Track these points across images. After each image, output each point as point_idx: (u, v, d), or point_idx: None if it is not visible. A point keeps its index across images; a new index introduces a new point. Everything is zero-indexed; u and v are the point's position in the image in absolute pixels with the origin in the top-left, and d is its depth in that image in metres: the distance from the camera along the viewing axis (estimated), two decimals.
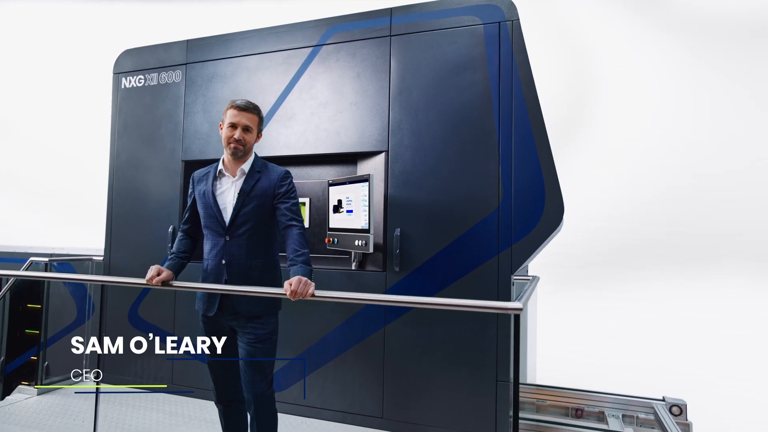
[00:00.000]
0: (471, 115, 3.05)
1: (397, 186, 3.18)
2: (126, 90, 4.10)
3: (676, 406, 3.56)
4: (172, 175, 3.85)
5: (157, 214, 3.88)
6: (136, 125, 4.02)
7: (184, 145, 3.82)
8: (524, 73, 2.97)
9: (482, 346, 2.98)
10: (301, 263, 2.04)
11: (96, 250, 5.06)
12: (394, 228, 3.14)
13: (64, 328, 4.39)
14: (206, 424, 3.18)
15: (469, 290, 3.01)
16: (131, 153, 4.03)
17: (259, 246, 2.21)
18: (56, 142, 7.65)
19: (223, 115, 2.25)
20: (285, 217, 2.17)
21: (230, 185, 2.24)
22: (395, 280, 3.15)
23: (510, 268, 2.94)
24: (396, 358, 3.14)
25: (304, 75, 3.47)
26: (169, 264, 2.24)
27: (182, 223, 2.39)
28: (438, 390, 3.05)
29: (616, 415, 3.60)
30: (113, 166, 4.10)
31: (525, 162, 2.94)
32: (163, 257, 3.82)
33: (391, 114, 3.23)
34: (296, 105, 3.48)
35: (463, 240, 3.03)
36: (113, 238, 4.05)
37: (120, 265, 4.00)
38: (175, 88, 3.90)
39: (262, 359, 2.16)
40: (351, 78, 3.34)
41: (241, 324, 2.18)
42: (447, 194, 3.08)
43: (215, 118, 3.72)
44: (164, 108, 3.92)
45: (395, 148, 3.20)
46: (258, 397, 2.15)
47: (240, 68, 3.68)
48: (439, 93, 3.12)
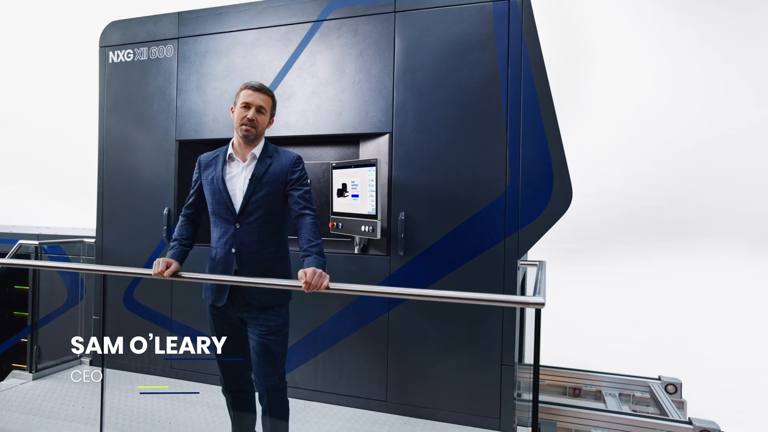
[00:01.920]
0: (478, 97, 2.98)
1: (402, 169, 3.12)
2: (114, 65, 3.92)
3: (672, 385, 3.65)
4: (166, 155, 3.72)
5: (151, 195, 3.77)
6: (126, 102, 3.86)
7: (177, 124, 3.68)
8: (534, 52, 2.89)
9: (487, 330, 2.98)
10: (316, 254, 1.98)
11: (87, 230, 4.93)
12: (399, 212, 3.09)
13: (54, 310, 4.29)
14: (209, 408, 3.16)
15: (474, 275, 2.99)
16: (122, 131, 3.88)
17: (270, 233, 2.15)
18: (42, 117, 7.34)
19: (236, 97, 2.15)
20: (298, 205, 2.10)
21: (240, 170, 2.15)
22: (399, 265, 3.12)
23: (516, 253, 2.92)
24: (400, 342, 3.14)
25: (304, 52, 3.34)
26: (172, 253, 2.17)
27: (185, 207, 2.31)
28: (442, 373, 3.06)
29: (613, 393, 3.68)
30: (102, 144, 3.95)
31: (533, 145, 2.89)
32: (158, 240, 3.73)
33: (396, 94, 3.13)
34: (296, 83, 3.36)
35: (470, 224, 2.99)
36: (105, 220, 3.93)
37: (113, 248, 3.89)
38: (167, 63, 3.73)
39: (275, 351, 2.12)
40: (353, 56, 3.23)
41: (253, 315, 2.13)
42: (453, 178, 3.02)
43: (210, 96, 3.59)
44: (156, 85, 3.76)
45: (399, 130, 3.12)
46: (271, 390, 2.12)
47: (236, 43, 3.52)
48: (445, 73, 3.03)
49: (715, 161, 4.89)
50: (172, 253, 2.16)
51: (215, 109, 3.58)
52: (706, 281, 4.78)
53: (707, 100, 4.84)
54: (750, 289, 4.62)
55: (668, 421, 2.94)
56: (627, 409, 3.50)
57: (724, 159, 4.88)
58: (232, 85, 3.52)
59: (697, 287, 4.79)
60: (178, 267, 2.11)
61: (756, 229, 4.66)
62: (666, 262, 4.98)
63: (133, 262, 3.81)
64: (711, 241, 4.89)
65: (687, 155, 4.98)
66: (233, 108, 2.16)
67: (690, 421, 2.91)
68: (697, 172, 4.92)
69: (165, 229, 3.68)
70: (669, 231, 5.04)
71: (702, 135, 4.90)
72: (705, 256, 4.83)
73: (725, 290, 4.70)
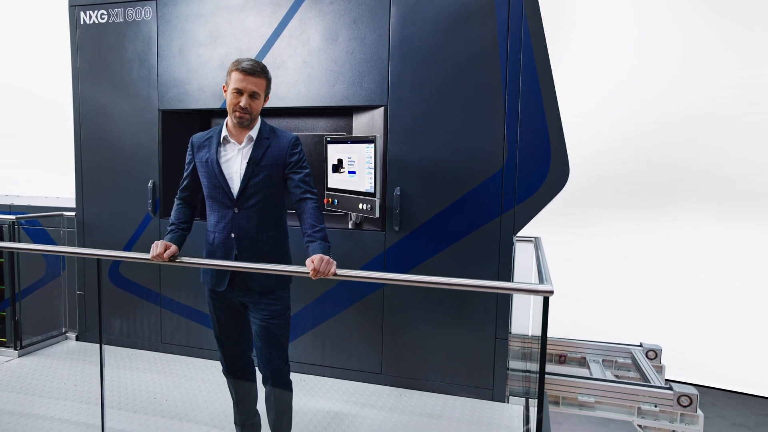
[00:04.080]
0: (476, 70, 2.90)
1: (397, 143, 3.05)
2: (86, 26, 3.67)
3: (652, 351, 3.81)
4: (148, 125, 3.56)
5: (134, 167, 3.62)
6: (103, 68, 3.64)
7: (160, 93, 3.51)
8: (534, 24, 2.81)
9: (481, 304, 3.03)
10: (320, 240, 1.95)
11: (63, 200, 4.74)
12: (394, 187, 3.05)
13: (32, 283, 4.17)
14: (204, 384, 3.17)
15: (469, 251, 3.00)
16: (99, 99, 3.68)
17: (270, 217, 2.09)
18: (9, 73, 6.86)
19: (227, 77, 2.02)
20: (299, 189, 2.04)
21: (236, 153, 2.06)
22: (394, 240, 3.11)
23: (512, 229, 2.94)
24: (395, 316, 3.17)
25: (294, 18, 3.18)
26: (171, 237, 2.10)
27: (180, 190, 2.22)
28: (437, 346, 3.12)
29: (596, 360, 3.82)
30: (78, 112, 3.75)
31: (532, 120, 2.86)
32: (144, 213, 3.62)
33: (391, 65, 3.03)
34: (286, 52, 3.22)
35: (466, 200, 2.98)
36: (85, 192, 3.78)
37: (96, 222, 3.77)
38: (146, 27, 3.51)
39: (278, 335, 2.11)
40: (346, 24, 3.09)
41: (255, 300, 2.10)
42: (450, 153, 2.98)
43: (194, 63, 3.41)
44: (134, 50, 3.55)
45: (395, 103, 3.04)
46: (276, 374, 2.12)
47: (220, 7, 3.33)
48: (443, 44, 2.94)
49: (685, 124, 4.90)
50: (171, 237, 2.09)
51: (200, 78, 3.42)
52: (676, 243, 4.92)
53: (687, 64, 4.82)
54: (717, 249, 4.79)
55: (651, 387, 3.07)
56: (610, 374, 3.65)
57: (692, 123, 4.88)
58: (217, 52, 3.35)
59: (669, 250, 4.93)
60: (176, 250, 2.05)
61: (724, 191, 4.77)
62: (636, 228, 5.07)
63: (118, 237, 3.70)
64: (679, 203, 4.97)
65: (655, 118, 4.98)
66: (225, 87, 2.04)
67: (670, 387, 3.05)
68: (668, 134, 4.93)
69: (150, 203, 3.56)
70: (636, 191, 5.09)
71: (673, 100, 4.89)
72: (676, 219, 4.93)
73: (694, 251, 4.86)
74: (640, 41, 4.99)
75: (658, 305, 4.97)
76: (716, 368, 4.82)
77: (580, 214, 5.27)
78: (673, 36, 4.87)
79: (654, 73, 4.96)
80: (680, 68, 4.87)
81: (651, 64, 4.96)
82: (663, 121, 4.97)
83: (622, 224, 5.16)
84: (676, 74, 4.88)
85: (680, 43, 4.86)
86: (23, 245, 3.78)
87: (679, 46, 4.87)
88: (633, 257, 5.10)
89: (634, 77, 5.02)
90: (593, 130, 5.15)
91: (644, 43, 4.98)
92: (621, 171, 5.12)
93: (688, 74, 4.86)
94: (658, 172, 5.03)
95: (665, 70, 4.93)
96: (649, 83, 4.97)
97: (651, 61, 4.97)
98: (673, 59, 4.90)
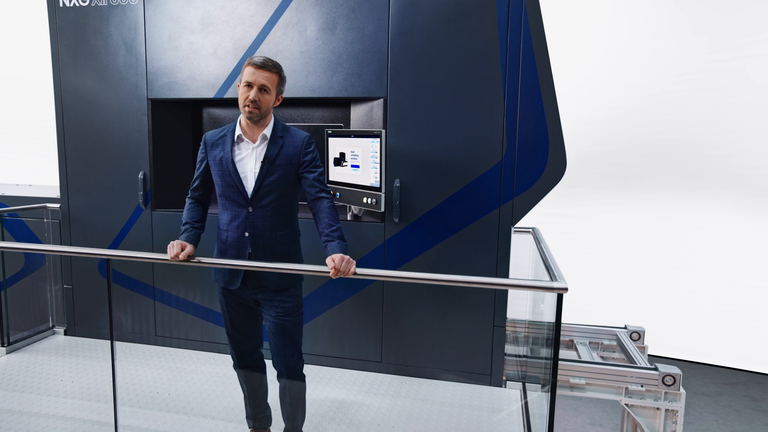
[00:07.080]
0: (477, 62, 2.92)
1: (397, 135, 3.06)
2: (65, 9, 3.51)
3: (636, 332, 3.99)
4: (137, 114, 3.46)
5: (122, 158, 3.52)
6: (86, 54, 3.50)
7: (149, 81, 3.40)
8: (534, 18, 2.84)
9: (479, 293, 3.11)
10: (338, 239, 1.96)
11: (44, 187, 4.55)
12: (394, 178, 3.07)
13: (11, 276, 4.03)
14: (204, 377, 3.16)
15: (468, 242, 3.06)
16: (82, 88, 3.54)
17: (283, 216, 2.09)
18: None
19: (241, 74, 2.00)
20: (314, 188, 2.05)
21: (250, 152, 2.04)
22: (394, 232, 3.14)
23: (511, 221, 3.00)
24: (395, 305, 3.21)
25: (290, 7, 3.12)
26: (186, 236, 2.08)
27: (191, 189, 2.19)
28: (436, 334, 3.19)
29: (583, 342, 3.97)
30: (60, 100, 3.60)
31: (531, 113, 2.91)
32: (134, 205, 3.54)
33: (391, 57, 3.02)
34: (282, 41, 3.16)
35: (465, 192, 3.03)
36: (70, 183, 3.66)
37: (82, 215, 3.66)
38: (131, 12, 3.38)
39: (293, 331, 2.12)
40: (345, 14, 3.05)
41: (268, 297, 2.10)
42: (449, 145, 3.01)
43: (185, 51, 3.32)
44: (120, 35, 3.42)
45: (395, 95, 3.04)
46: (291, 369, 2.15)
47: None
48: (443, 36, 2.94)
49: (656, 108, 5.05)
50: (186, 236, 2.07)
51: (191, 66, 3.32)
52: (646, 223, 5.12)
53: (659, 49, 4.94)
54: (685, 228, 5.02)
55: (639, 368, 3.23)
56: (597, 356, 3.81)
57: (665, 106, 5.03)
58: (209, 40, 3.26)
59: (639, 229, 5.14)
60: (192, 250, 2.04)
61: (692, 171, 4.98)
62: (611, 209, 5.25)
63: (107, 230, 3.62)
64: (653, 185, 5.16)
65: (625, 102, 5.11)
66: (239, 85, 2.02)
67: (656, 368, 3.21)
68: (641, 117, 5.08)
69: (141, 195, 3.48)
70: (611, 173, 5.26)
71: (644, 84, 5.02)
72: (650, 201, 5.13)
73: (663, 231, 5.08)
74: (617, 28, 5.10)
75: (625, 282, 5.20)
76: (679, 341, 5.11)
77: (561, 196, 5.38)
78: (646, 22, 4.98)
79: (629, 58, 5.08)
80: (652, 53, 5.00)
81: (626, 50, 5.08)
82: (635, 105, 5.10)
83: (598, 206, 5.32)
84: (648, 58, 5.01)
85: (652, 29, 4.98)
86: (23, 245, 3.65)
87: (651, 31, 4.99)
88: (608, 238, 5.29)
89: (611, 61, 5.13)
90: (572, 113, 5.23)
91: (619, 30, 5.09)
92: (596, 153, 5.26)
93: (658, 58, 4.98)
94: (631, 155, 5.19)
95: (639, 54, 5.04)
96: (624, 67, 5.09)
97: (626, 46, 5.08)
98: (645, 45, 5.01)
